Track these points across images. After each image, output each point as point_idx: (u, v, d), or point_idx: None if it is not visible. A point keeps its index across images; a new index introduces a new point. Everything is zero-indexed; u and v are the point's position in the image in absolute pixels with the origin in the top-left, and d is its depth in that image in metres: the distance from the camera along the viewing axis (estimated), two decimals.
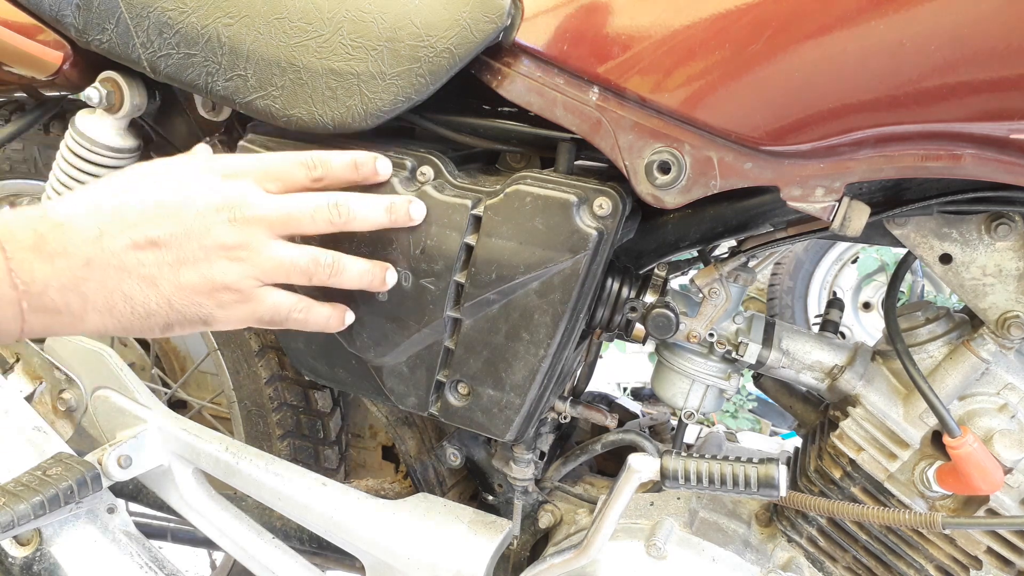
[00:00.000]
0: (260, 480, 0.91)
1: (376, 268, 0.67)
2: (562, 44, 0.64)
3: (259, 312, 0.62)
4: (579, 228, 0.65)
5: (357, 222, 0.64)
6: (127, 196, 0.58)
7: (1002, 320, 0.68)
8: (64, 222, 0.55)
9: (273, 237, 0.61)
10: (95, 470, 0.89)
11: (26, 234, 0.54)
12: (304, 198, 0.62)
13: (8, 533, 0.81)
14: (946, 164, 0.57)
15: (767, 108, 0.59)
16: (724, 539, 0.80)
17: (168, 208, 0.58)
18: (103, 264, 0.55)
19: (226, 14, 0.72)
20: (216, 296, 0.60)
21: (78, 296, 0.55)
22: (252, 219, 0.60)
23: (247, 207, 0.60)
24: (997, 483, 0.67)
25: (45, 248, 0.54)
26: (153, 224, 0.57)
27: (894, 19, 0.54)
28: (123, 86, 0.81)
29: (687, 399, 0.82)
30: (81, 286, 0.55)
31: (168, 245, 0.57)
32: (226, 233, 0.59)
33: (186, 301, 0.59)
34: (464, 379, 0.74)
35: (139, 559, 0.95)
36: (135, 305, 0.57)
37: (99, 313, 0.56)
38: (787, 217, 0.72)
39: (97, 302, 0.56)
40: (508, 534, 0.87)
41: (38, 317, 0.54)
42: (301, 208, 0.62)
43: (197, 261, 0.58)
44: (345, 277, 0.65)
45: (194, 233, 0.58)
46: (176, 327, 0.60)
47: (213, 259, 0.59)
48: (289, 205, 0.61)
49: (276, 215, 0.61)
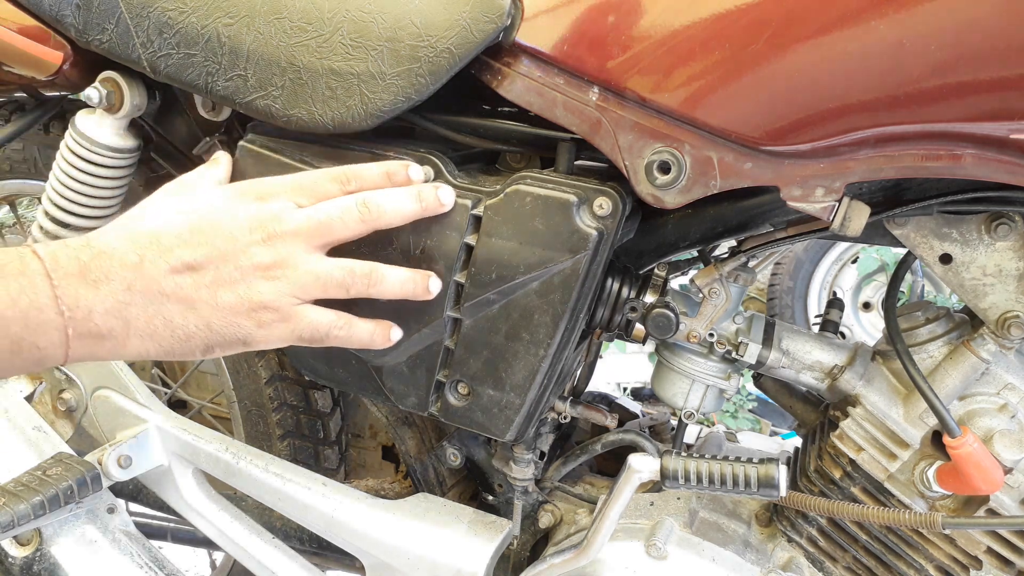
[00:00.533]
0: (260, 480, 0.91)
1: (418, 276, 0.66)
2: (562, 44, 0.64)
3: (299, 330, 0.62)
4: (579, 228, 0.65)
5: (388, 216, 0.63)
6: (162, 222, 0.60)
7: (1002, 320, 0.68)
8: (106, 250, 0.57)
9: (309, 251, 0.61)
10: (95, 470, 0.89)
11: (70, 263, 0.55)
12: (331, 203, 0.63)
13: (8, 533, 0.81)
14: (946, 164, 0.57)
15: (767, 108, 0.59)
16: (724, 539, 0.80)
17: (203, 232, 0.59)
18: (144, 289, 0.57)
19: (226, 14, 0.72)
20: (255, 316, 0.60)
21: (121, 321, 0.56)
22: (286, 234, 0.60)
23: (280, 223, 0.60)
24: (997, 483, 0.67)
25: (89, 275, 0.55)
26: (189, 248, 0.58)
27: (894, 19, 0.54)
28: (123, 86, 0.81)
29: (687, 399, 0.82)
30: (124, 311, 0.56)
31: (205, 268, 0.59)
32: (261, 252, 0.60)
33: (225, 322, 0.59)
34: (464, 379, 0.74)
35: (139, 559, 0.95)
36: (175, 328, 0.58)
37: (141, 337, 0.58)
38: (787, 217, 0.72)
39: (139, 326, 0.57)
40: (508, 534, 0.87)
41: (83, 343, 0.56)
42: (330, 213, 0.62)
43: (234, 282, 0.59)
44: (385, 286, 0.64)
45: (230, 255, 0.59)
46: (216, 349, 0.61)
47: (250, 279, 0.59)
48: (319, 213, 0.62)
49: (308, 226, 0.61)
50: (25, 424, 0.98)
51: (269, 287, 0.60)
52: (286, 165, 0.74)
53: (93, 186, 0.83)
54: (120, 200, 0.88)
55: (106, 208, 0.86)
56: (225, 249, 0.59)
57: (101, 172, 0.83)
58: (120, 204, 0.88)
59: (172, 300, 0.58)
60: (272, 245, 0.60)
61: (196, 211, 0.61)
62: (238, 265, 0.59)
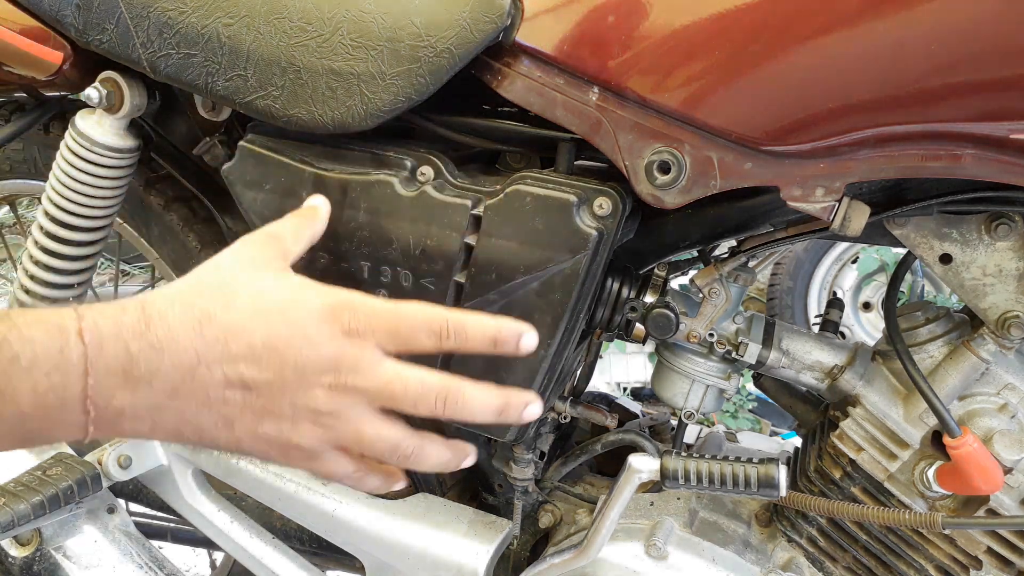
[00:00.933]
0: (260, 480, 0.91)
1: (458, 452, 0.60)
2: (562, 44, 0.64)
3: (317, 470, 0.58)
4: (579, 228, 0.65)
5: (462, 417, 0.56)
6: (238, 318, 0.52)
7: (1002, 320, 0.68)
8: (163, 340, 0.49)
9: (365, 411, 0.55)
10: (95, 470, 0.89)
11: (117, 354, 0.48)
12: (414, 378, 0.55)
13: (8, 533, 0.81)
14: (946, 164, 0.57)
15: (767, 108, 0.59)
16: (724, 539, 0.80)
17: (277, 352, 0.52)
18: (188, 395, 0.50)
19: (226, 14, 0.72)
20: (286, 452, 0.55)
21: (149, 423, 0.51)
22: (354, 389, 0.54)
23: (354, 375, 0.54)
24: (997, 483, 0.67)
25: (133, 372, 0.48)
26: (256, 367, 0.51)
27: (894, 19, 0.54)
28: (123, 86, 0.81)
29: (687, 399, 0.82)
30: (156, 415, 0.51)
31: (260, 391, 0.52)
32: (322, 398, 0.53)
33: (254, 448, 0.54)
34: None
35: (139, 559, 0.95)
36: (203, 436, 0.53)
37: (164, 434, 0.52)
38: (787, 217, 0.72)
39: (167, 427, 0.52)
40: (508, 534, 0.87)
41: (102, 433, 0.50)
42: (408, 390, 0.55)
43: (282, 417, 0.53)
44: (423, 466, 0.58)
45: (289, 387, 0.52)
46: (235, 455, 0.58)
47: (299, 420, 0.53)
48: (396, 384, 0.55)
49: (379, 390, 0.54)
50: None
51: (314, 433, 0.54)
52: (286, 165, 0.74)
53: (93, 186, 0.83)
54: (120, 200, 0.88)
55: (106, 208, 0.86)
56: (288, 379, 0.52)
57: (101, 172, 0.83)
58: (120, 204, 0.88)
59: (212, 412, 0.52)
60: (336, 394, 0.53)
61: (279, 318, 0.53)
62: (293, 402, 0.53)
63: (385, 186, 0.70)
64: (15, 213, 1.36)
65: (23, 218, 1.43)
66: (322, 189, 0.73)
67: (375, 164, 0.72)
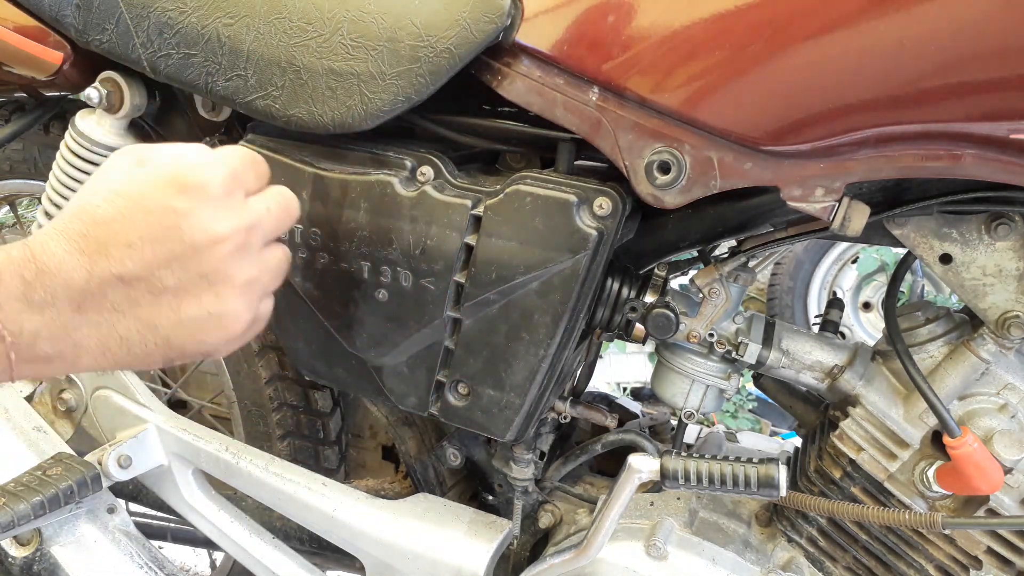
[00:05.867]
0: (260, 480, 0.91)
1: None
2: (562, 44, 0.64)
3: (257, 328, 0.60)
4: (579, 228, 0.65)
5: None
6: (105, 226, 0.52)
7: (1002, 320, 0.68)
8: (51, 267, 0.50)
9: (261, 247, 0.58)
10: (95, 470, 0.89)
11: (14, 282, 0.49)
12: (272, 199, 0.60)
13: (8, 533, 0.81)
14: (946, 164, 0.57)
15: (767, 108, 0.59)
16: (724, 539, 0.80)
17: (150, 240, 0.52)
18: (94, 306, 0.51)
19: (226, 14, 0.72)
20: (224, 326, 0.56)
21: (70, 344, 0.52)
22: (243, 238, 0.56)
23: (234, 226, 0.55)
24: (997, 483, 0.67)
25: (33, 298, 0.50)
26: (137, 259, 0.52)
27: (894, 19, 0.54)
28: (123, 86, 0.81)
29: (687, 399, 0.82)
30: (73, 334, 0.51)
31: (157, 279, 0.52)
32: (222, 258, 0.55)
33: (192, 339, 0.55)
34: (464, 379, 0.74)
35: (139, 559, 0.95)
36: (132, 347, 0.53)
37: (92, 356, 0.53)
38: (787, 217, 0.72)
39: (90, 347, 0.52)
40: (508, 534, 0.87)
41: (28, 367, 0.51)
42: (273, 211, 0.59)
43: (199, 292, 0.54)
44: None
45: (189, 263, 0.53)
46: (176, 361, 0.57)
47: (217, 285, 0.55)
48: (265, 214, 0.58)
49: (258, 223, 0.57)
50: (25, 424, 0.98)
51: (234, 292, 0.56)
52: (286, 165, 0.74)
53: None
54: None
55: None
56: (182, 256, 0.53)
57: None
58: None
59: (127, 317, 0.52)
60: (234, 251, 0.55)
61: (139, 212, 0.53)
62: (201, 273, 0.54)
63: (385, 186, 0.70)
64: (15, 213, 1.36)
65: (23, 218, 1.43)
66: (322, 189, 0.73)
67: (375, 164, 0.72)
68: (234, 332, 0.57)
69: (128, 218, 0.52)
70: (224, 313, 0.56)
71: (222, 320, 0.56)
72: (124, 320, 0.53)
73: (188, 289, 0.54)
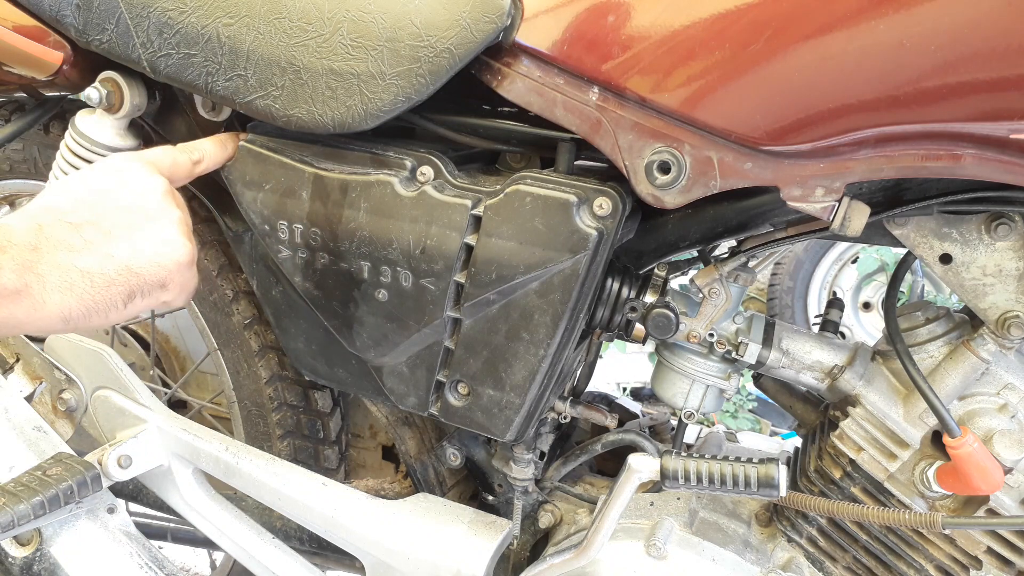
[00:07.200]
0: (260, 480, 0.91)
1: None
2: (562, 44, 0.64)
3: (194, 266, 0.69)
4: (579, 228, 0.65)
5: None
6: (55, 195, 0.63)
7: (1002, 320, 0.68)
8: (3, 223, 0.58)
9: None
10: (95, 470, 0.89)
11: None
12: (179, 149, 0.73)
13: (8, 533, 0.81)
14: (946, 164, 0.57)
15: (767, 108, 0.59)
16: (724, 539, 0.80)
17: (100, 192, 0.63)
18: (51, 247, 0.58)
19: (226, 14, 0.72)
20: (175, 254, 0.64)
21: (33, 276, 0.56)
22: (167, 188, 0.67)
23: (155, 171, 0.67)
24: (997, 483, 0.67)
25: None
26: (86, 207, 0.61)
27: (894, 19, 0.54)
28: (123, 86, 0.81)
29: (687, 399, 0.82)
30: (34, 268, 0.56)
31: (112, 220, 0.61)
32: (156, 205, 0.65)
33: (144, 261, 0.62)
34: (464, 379, 0.74)
35: (139, 559, 0.95)
36: (93, 277, 0.59)
37: (59, 292, 0.57)
38: (787, 217, 0.72)
39: (54, 280, 0.57)
40: (508, 534, 0.87)
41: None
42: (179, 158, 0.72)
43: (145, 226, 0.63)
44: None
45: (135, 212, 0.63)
46: (137, 296, 0.62)
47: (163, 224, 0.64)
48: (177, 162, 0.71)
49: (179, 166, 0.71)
50: (25, 424, 0.98)
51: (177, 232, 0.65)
52: (286, 165, 0.74)
53: None
54: None
55: None
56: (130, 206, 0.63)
57: None
58: None
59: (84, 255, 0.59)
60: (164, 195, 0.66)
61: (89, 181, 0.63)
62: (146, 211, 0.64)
63: (385, 186, 0.70)
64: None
65: None
66: (322, 189, 0.73)
67: (375, 164, 0.72)
68: (183, 256, 0.65)
69: (74, 189, 0.63)
70: (171, 239, 0.65)
71: (171, 245, 0.65)
72: (81, 256, 0.59)
73: (136, 225, 0.63)
